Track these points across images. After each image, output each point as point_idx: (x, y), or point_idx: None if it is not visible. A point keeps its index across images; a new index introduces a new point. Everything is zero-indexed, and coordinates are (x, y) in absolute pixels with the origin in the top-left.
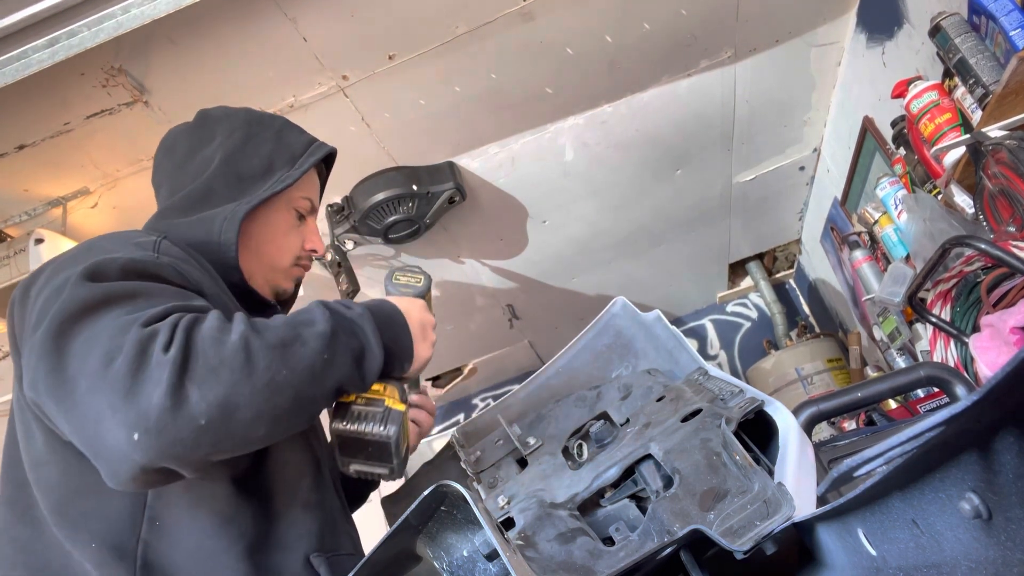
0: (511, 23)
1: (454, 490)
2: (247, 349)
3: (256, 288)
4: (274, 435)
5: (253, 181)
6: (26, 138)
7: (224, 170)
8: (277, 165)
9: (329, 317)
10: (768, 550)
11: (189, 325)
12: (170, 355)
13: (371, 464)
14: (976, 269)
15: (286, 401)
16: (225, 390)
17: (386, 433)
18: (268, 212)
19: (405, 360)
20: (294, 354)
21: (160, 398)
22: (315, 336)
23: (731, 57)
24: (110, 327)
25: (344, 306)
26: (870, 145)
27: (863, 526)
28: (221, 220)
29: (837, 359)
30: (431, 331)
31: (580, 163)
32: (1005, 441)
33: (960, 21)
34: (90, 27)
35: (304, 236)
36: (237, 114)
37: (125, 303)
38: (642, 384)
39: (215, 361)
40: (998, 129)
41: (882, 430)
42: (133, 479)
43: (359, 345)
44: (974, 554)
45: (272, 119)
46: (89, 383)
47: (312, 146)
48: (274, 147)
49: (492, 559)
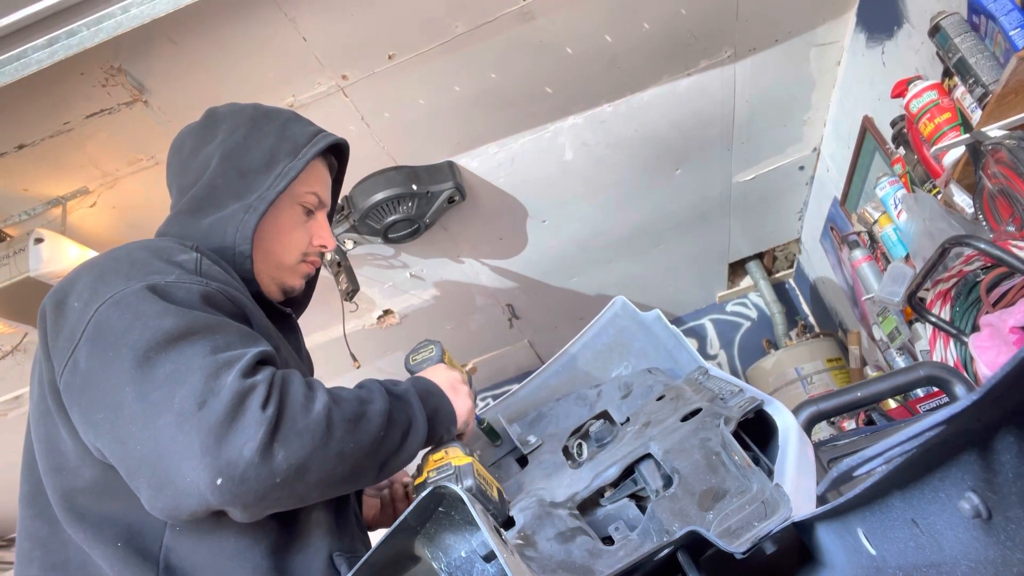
0: (511, 23)
1: (452, 491)
2: (328, 419)
3: (264, 288)
4: (327, 496)
5: (256, 175)
6: (26, 138)
7: (225, 166)
8: (279, 157)
9: (386, 395)
10: (767, 550)
11: (283, 385)
12: (267, 413)
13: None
14: (976, 269)
15: (347, 470)
16: (305, 454)
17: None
18: (273, 211)
19: (450, 422)
20: (361, 429)
21: (251, 452)
22: (377, 413)
23: (731, 57)
24: (198, 365)
25: (392, 383)
26: (870, 145)
27: (863, 526)
28: (234, 231)
29: (837, 359)
30: (461, 384)
31: (580, 163)
32: (1005, 441)
33: (960, 21)
34: (90, 27)
35: (312, 232)
36: (243, 110)
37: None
38: (642, 383)
39: (302, 427)
40: (997, 129)
41: (882, 430)
42: (192, 514)
43: (407, 420)
44: (974, 553)
45: (278, 113)
46: (178, 420)
47: (317, 136)
48: (276, 140)
49: (490, 560)
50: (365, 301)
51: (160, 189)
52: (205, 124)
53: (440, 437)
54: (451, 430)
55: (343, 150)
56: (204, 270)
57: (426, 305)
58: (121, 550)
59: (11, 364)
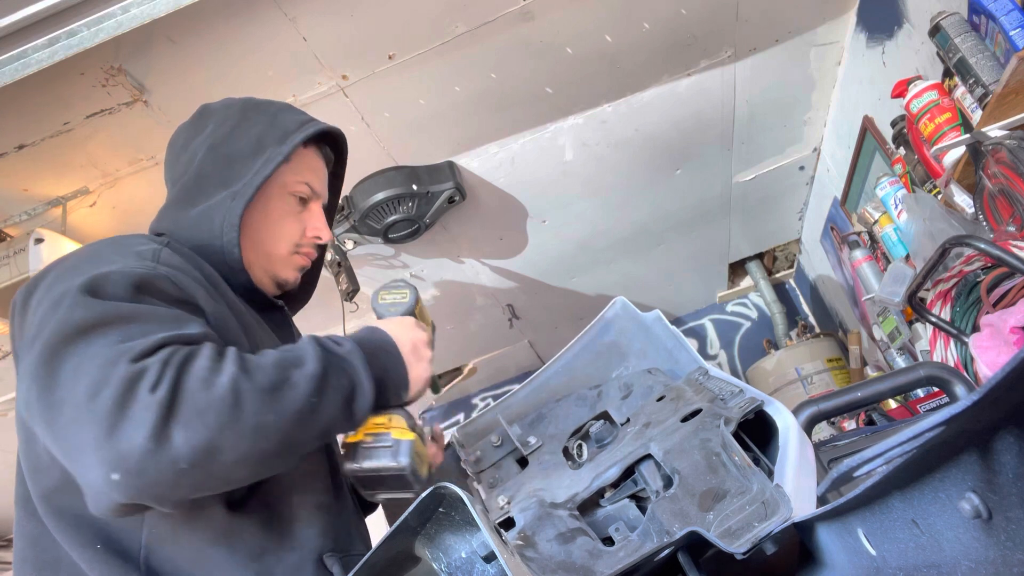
0: (511, 23)
1: (452, 492)
2: (235, 392)
3: (256, 281)
4: (259, 475)
5: (243, 162)
6: (26, 138)
7: (212, 155)
8: (267, 143)
9: (320, 356)
10: (768, 550)
11: (180, 364)
12: (157, 396)
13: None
14: (976, 269)
15: (272, 445)
16: (210, 434)
17: (400, 465)
18: (261, 199)
19: (401, 388)
20: (283, 398)
21: (143, 440)
22: (305, 378)
23: (731, 57)
24: (100, 356)
25: (334, 343)
26: (870, 145)
27: (863, 526)
28: (220, 220)
29: (837, 359)
30: (425, 347)
31: (580, 163)
32: (1005, 441)
33: (960, 21)
34: (90, 27)
35: (306, 223)
36: (235, 103)
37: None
38: (642, 383)
39: (203, 404)
40: (998, 129)
41: (882, 430)
42: (111, 511)
43: (349, 384)
44: (974, 554)
45: (271, 104)
46: (74, 413)
47: (306, 124)
48: (265, 127)
49: (490, 560)
50: (365, 301)
51: (161, 188)
52: (197, 118)
53: (387, 400)
54: (400, 395)
55: (339, 143)
56: (162, 259)
57: (426, 305)
58: (101, 552)
59: (10, 365)
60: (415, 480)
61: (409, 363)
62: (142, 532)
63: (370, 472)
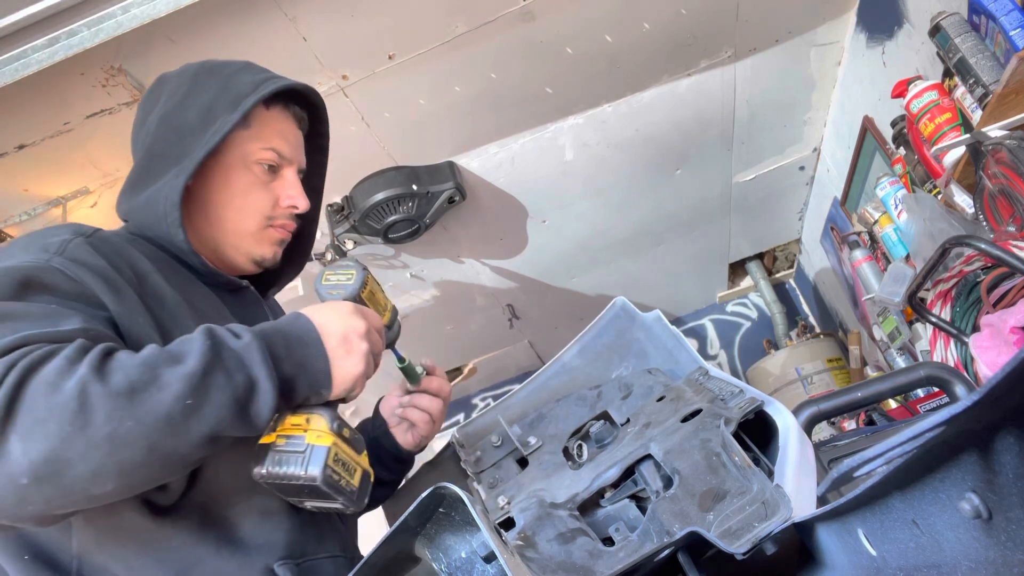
0: (511, 23)
1: (452, 492)
2: (82, 397)
3: (230, 260)
4: (134, 488)
5: (193, 135)
6: (26, 138)
7: (163, 130)
8: (217, 112)
9: (204, 351)
10: (768, 550)
11: (28, 366)
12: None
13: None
14: (976, 269)
15: (137, 454)
16: (52, 445)
17: (309, 475)
18: (220, 172)
19: (321, 386)
20: (144, 402)
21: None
22: (178, 378)
23: (731, 57)
24: None
25: (232, 334)
26: (870, 145)
27: (863, 526)
28: (164, 200)
29: (837, 359)
30: (360, 339)
31: (580, 163)
32: (1005, 441)
33: (960, 21)
34: (90, 27)
35: (278, 193)
36: (190, 68)
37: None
38: (642, 384)
39: (43, 412)
40: (998, 129)
41: (882, 430)
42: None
43: (244, 383)
44: (974, 554)
45: (227, 65)
46: None
47: (263, 84)
48: (217, 93)
49: (490, 561)
50: None
51: None
52: (153, 88)
53: (306, 398)
54: (321, 394)
55: (312, 99)
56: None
57: (426, 305)
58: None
59: None
60: (334, 492)
61: (334, 357)
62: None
63: (278, 480)
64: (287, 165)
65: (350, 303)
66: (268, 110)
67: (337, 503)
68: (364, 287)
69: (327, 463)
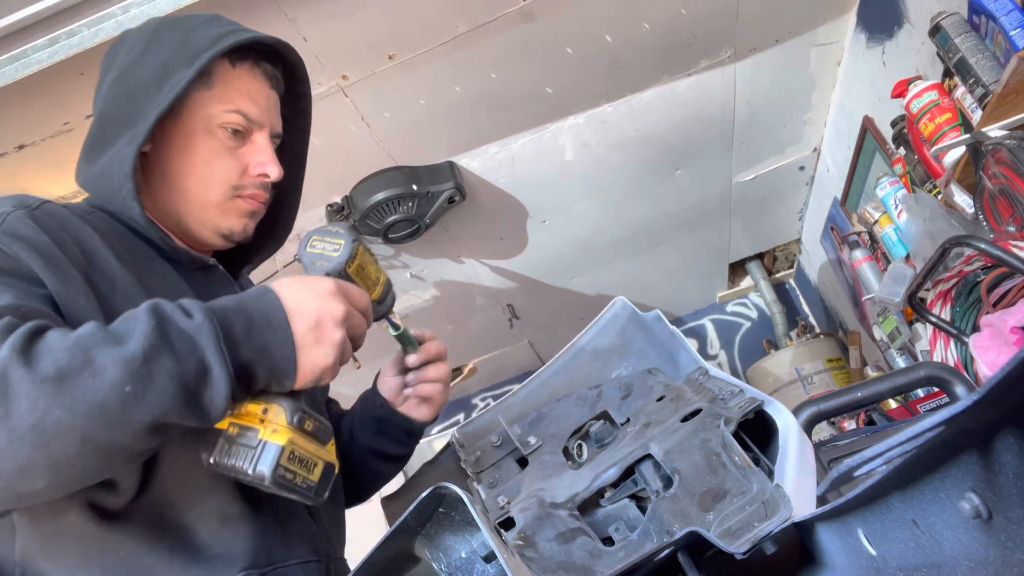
0: (511, 23)
1: (452, 492)
2: (3, 383)
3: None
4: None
5: (147, 95)
6: (26, 138)
7: (116, 90)
8: (172, 69)
9: (149, 332)
10: (768, 550)
11: None
12: None
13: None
14: (976, 269)
15: (69, 447)
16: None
17: (257, 473)
18: (181, 137)
19: (284, 374)
20: (76, 388)
21: None
22: (116, 362)
23: (731, 57)
24: None
25: (183, 312)
26: (870, 145)
27: (863, 526)
28: (117, 170)
29: (837, 359)
30: (335, 327)
31: (580, 163)
32: (1005, 441)
33: (960, 21)
34: (90, 27)
35: (246, 159)
36: (151, 23)
37: None
38: (642, 384)
39: None
40: (998, 129)
41: (882, 430)
42: None
43: (193, 368)
44: (974, 554)
45: (190, 19)
46: None
47: (224, 36)
48: (174, 49)
49: (490, 560)
50: None
51: None
52: (112, 47)
53: (266, 386)
54: (282, 383)
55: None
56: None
57: (426, 305)
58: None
59: None
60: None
61: (302, 345)
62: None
63: (227, 472)
64: (257, 129)
65: (331, 281)
66: (234, 67)
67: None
68: (352, 261)
69: (279, 462)
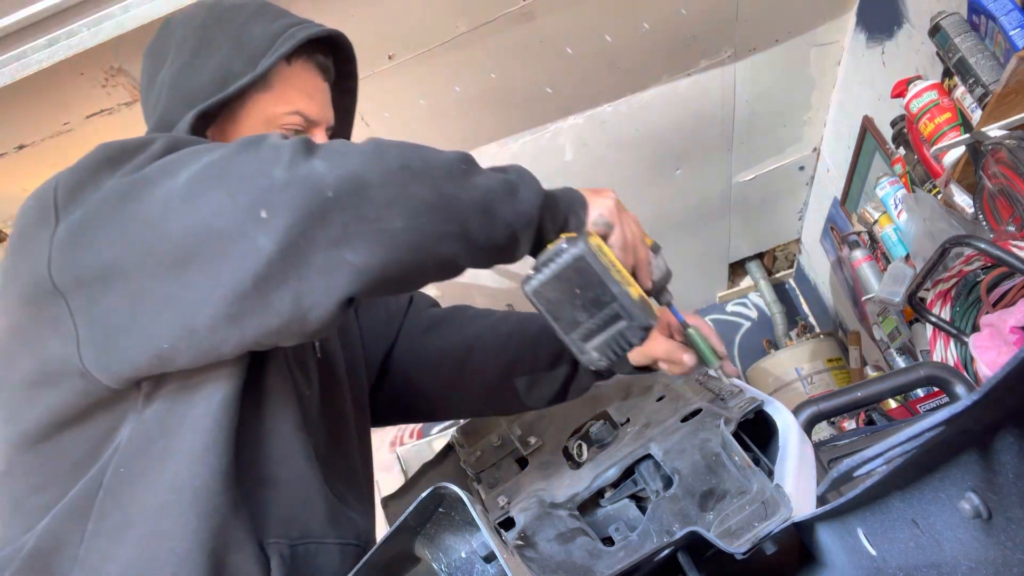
0: (511, 23)
1: (452, 492)
2: (375, 142)
3: None
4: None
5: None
6: (26, 138)
7: (174, 98)
8: (232, 74)
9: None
10: (768, 550)
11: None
12: (288, 141)
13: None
14: (976, 269)
15: (424, 192)
16: (355, 166)
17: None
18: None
19: (577, 205)
20: (428, 151)
21: (282, 171)
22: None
23: (731, 57)
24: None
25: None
26: (870, 145)
27: (863, 526)
28: None
29: (837, 359)
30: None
31: (580, 163)
32: (1005, 441)
33: (960, 21)
34: (89, 27)
35: None
36: (196, 15)
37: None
38: (642, 384)
39: (343, 147)
40: (998, 129)
41: (882, 429)
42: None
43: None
44: (974, 554)
45: (237, 10)
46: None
47: (281, 37)
48: (230, 50)
49: (490, 561)
50: None
51: None
52: (157, 40)
53: (564, 218)
54: (579, 213)
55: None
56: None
57: None
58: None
59: None
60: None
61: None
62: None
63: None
64: (314, 127)
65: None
66: (290, 65)
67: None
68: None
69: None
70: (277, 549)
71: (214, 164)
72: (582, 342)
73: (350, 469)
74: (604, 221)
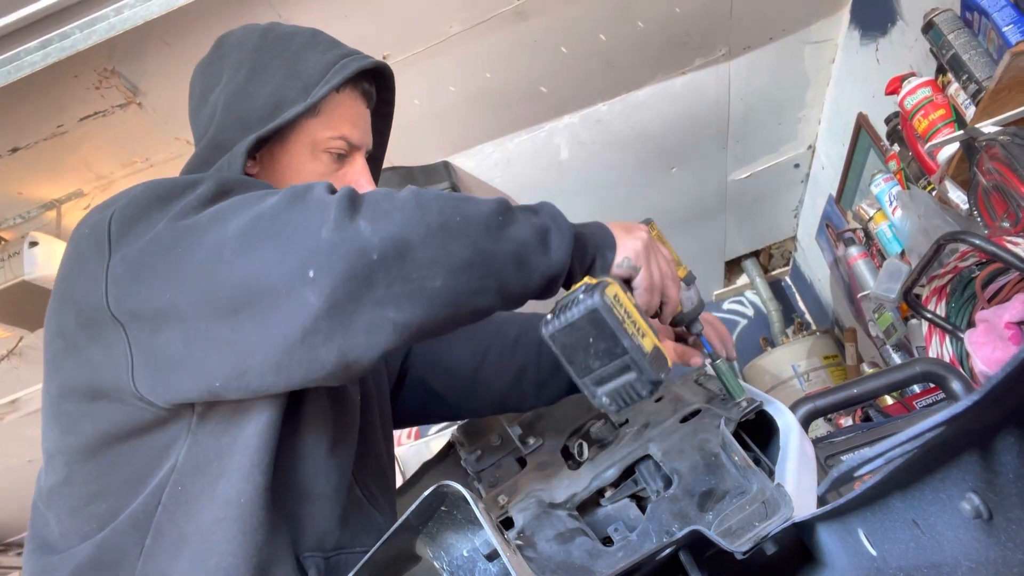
0: (505, 22)
1: (454, 490)
2: (417, 198)
3: None
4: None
5: (260, 127)
6: (20, 141)
7: (227, 119)
8: (285, 102)
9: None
10: (768, 550)
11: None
12: (335, 196)
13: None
14: (971, 265)
15: (463, 250)
16: (397, 228)
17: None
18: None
19: (605, 246)
20: (466, 206)
21: (329, 232)
22: (486, 201)
23: (725, 55)
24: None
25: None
26: (864, 142)
27: (863, 526)
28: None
29: (833, 356)
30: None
31: (575, 162)
32: (1005, 441)
33: (953, 17)
34: (82, 29)
35: (346, 181)
36: (249, 39)
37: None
38: None
39: (386, 205)
40: (991, 125)
41: (878, 426)
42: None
43: (539, 221)
44: (974, 554)
45: (291, 38)
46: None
47: (333, 68)
48: (283, 78)
49: (492, 559)
50: None
51: None
52: (211, 60)
53: (591, 260)
54: (606, 255)
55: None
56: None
57: None
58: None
59: (7, 368)
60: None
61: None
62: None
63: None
64: (355, 151)
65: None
66: (339, 93)
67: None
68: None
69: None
70: (314, 562)
71: (263, 217)
72: (594, 387)
73: (379, 469)
74: (629, 264)
